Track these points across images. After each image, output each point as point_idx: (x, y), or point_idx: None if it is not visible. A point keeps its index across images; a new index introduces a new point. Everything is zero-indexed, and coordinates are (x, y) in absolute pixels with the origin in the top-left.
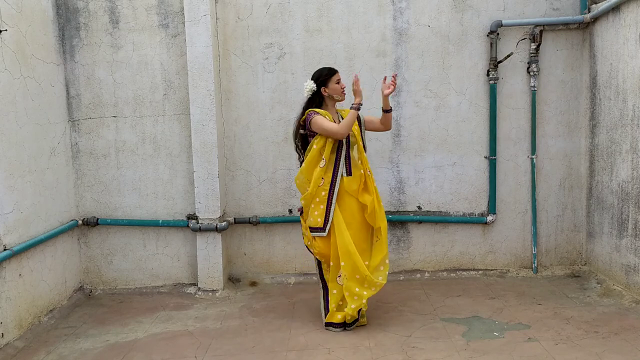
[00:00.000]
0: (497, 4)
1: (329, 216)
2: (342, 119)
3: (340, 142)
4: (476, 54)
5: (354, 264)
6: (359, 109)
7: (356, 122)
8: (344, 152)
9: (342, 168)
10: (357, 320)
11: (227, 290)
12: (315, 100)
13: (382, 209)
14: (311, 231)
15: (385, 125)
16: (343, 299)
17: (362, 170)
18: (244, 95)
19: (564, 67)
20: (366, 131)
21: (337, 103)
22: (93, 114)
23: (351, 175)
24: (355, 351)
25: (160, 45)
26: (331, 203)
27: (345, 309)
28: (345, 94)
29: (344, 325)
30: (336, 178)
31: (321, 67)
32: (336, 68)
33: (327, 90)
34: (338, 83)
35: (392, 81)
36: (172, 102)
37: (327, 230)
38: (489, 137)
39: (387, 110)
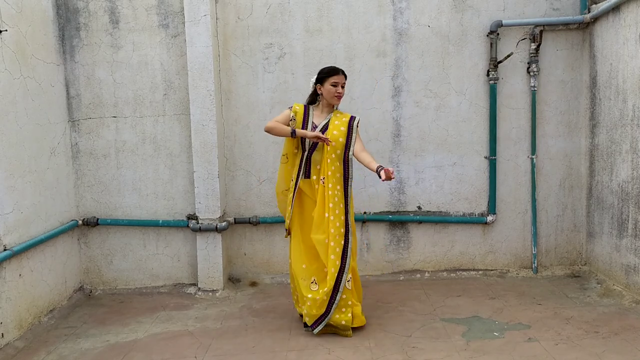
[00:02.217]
0: (497, 4)
1: (289, 218)
2: (328, 120)
3: (302, 142)
4: (476, 54)
5: (293, 273)
6: (292, 135)
7: (338, 128)
8: (305, 154)
9: (301, 170)
10: (319, 323)
11: (227, 291)
12: (314, 95)
13: (326, 224)
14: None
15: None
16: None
17: (319, 176)
18: (244, 95)
19: (564, 67)
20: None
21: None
22: (93, 114)
23: (309, 178)
24: (355, 351)
25: (160, 45)
26: (291, 205)
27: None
28: (339, 98)
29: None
30: (297, 179)
31: (331, 65)
32: None
33: (321, 89)
34: (334, 86)
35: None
36: (172, 102)
37: (288, 232)
38: (489, 137)
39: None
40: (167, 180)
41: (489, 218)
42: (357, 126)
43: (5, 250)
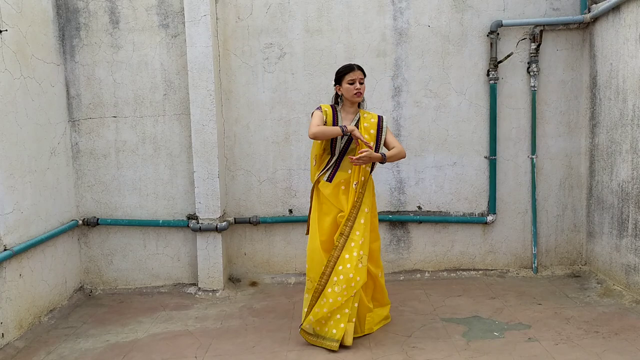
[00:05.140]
0: (497, 4)
1: (309, 216)
2: (358, 122)
3: (332, 146)
4: (476, 54)
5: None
6: (343, 132)
7: (368, 131)
8: (335, 158)
9: (328, 172)
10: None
11: (227, 290)
12: (336, 97)
13: (366, 228)
14: None
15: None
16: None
17: (352, 181)
18: (244, 95)
19: (564, 67)
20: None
21: (358, 103)
22: (93, 114)
23: (331, 182)
24: (355, 351)
25: (161, 45)
26: (311, 205)
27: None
28: (359, 95)
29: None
30: (319, 181)
31: (347, 64)
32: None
33: (340, 90)
34: (351, 84)
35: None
36: (172, 102)
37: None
38: (489, 137)
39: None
40: (167, 180)
41: (489, 218)
42: (387, 126)
43: (5, 250)
